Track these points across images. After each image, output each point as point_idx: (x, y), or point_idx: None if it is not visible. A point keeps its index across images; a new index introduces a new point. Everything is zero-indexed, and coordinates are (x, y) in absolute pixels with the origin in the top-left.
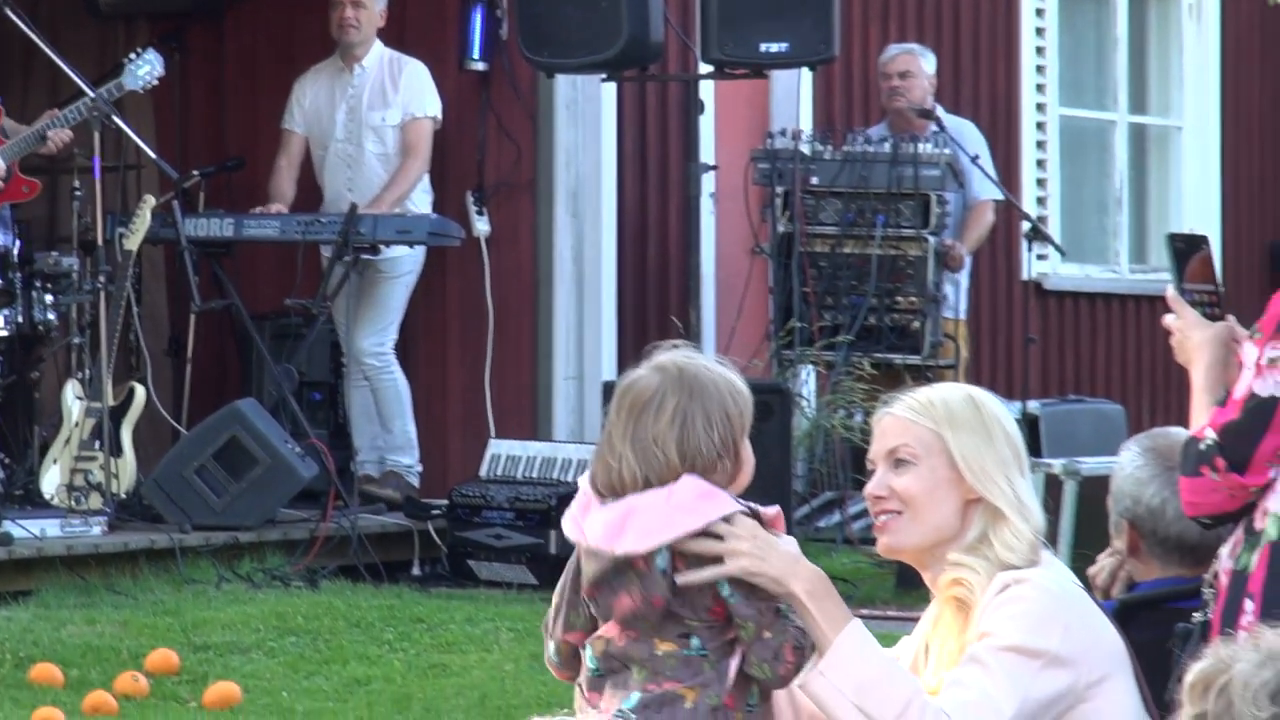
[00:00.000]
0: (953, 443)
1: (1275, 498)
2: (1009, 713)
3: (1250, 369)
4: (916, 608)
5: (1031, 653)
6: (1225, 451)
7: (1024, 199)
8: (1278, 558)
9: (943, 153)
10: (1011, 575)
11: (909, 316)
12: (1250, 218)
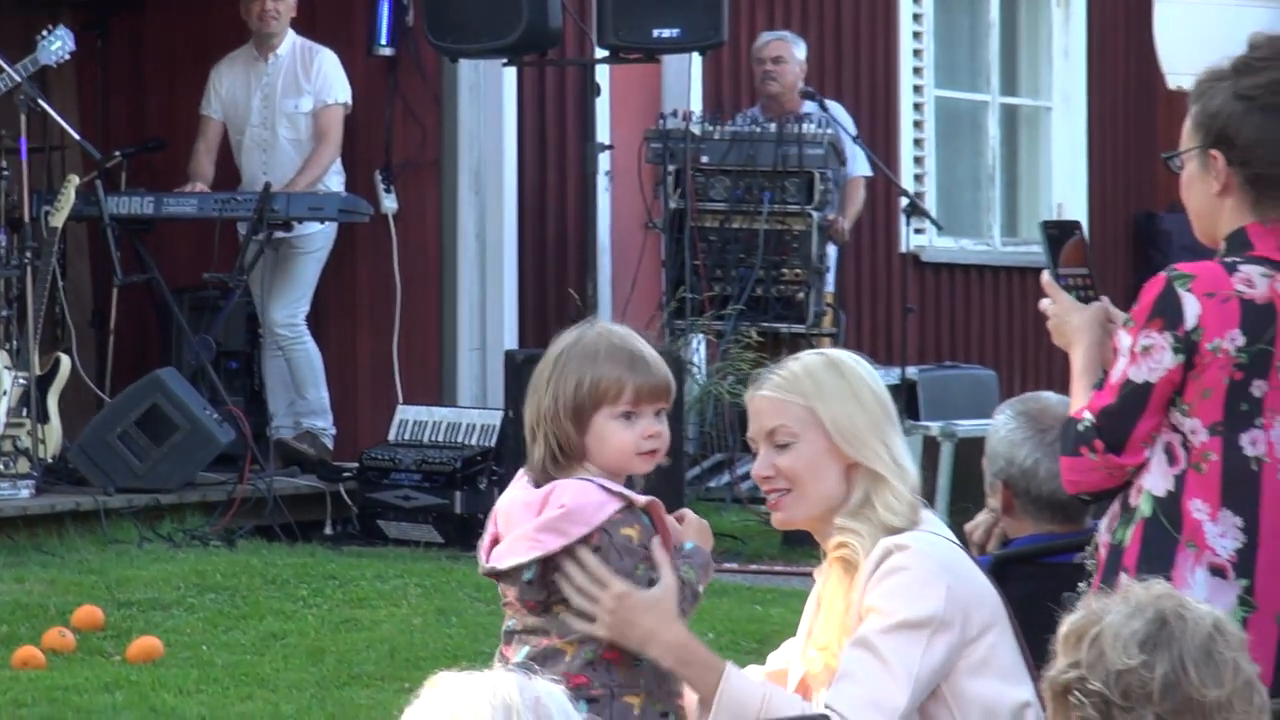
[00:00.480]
0: (825, 415)
1: (1149, 476)
2: (903, 702)
3: (1125, 355)
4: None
5: (917, 624)
6: (1103, 434)
7: (902, 176)
8: (1151, 533)
9: (825, 132)
10: (893, 541)
11: (794, 288)
12: (1115, 193)
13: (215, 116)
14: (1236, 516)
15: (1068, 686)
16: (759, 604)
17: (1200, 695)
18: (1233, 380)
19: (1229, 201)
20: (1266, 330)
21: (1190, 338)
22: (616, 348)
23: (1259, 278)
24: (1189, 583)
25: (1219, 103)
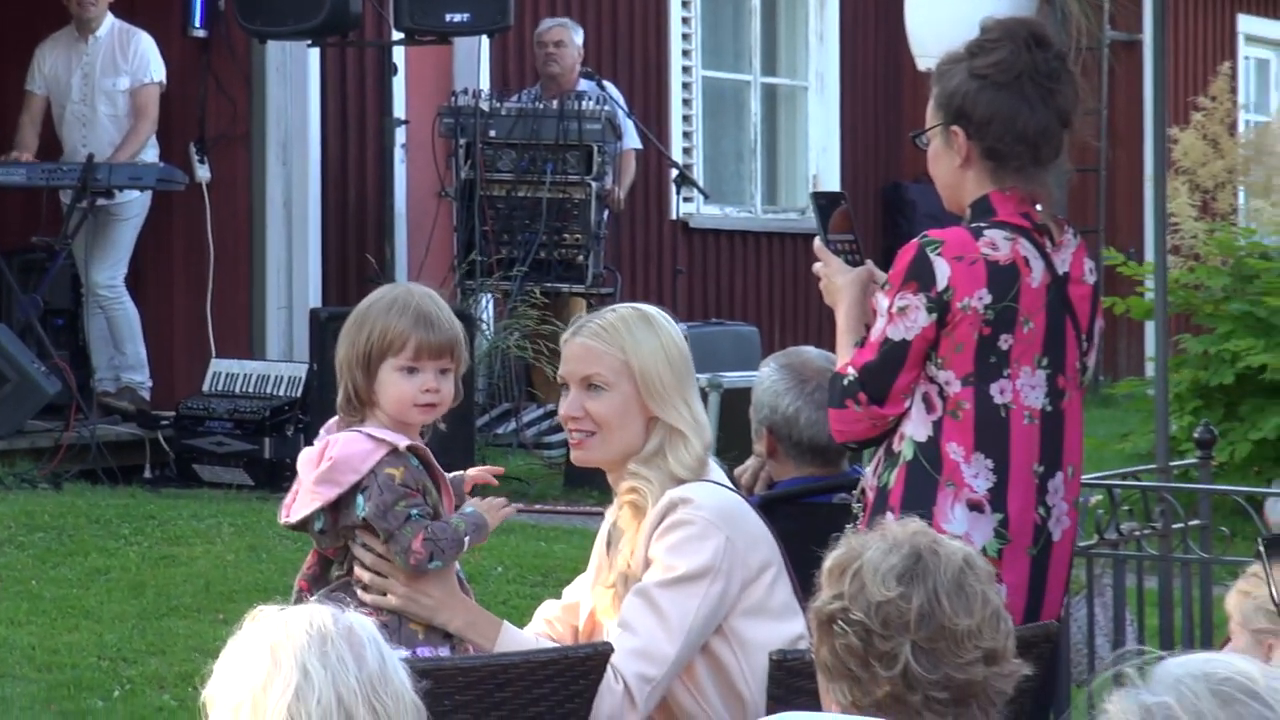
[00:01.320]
0: (637, 368)
1: (910, 424)
2: (673, 652)
3: (883, 316)
4: (581, 502)
5: (693, 576)
6: (866, 388)
7: (673, 150)
8: (914, 474)
9: (602, 109)
10: (677, 494)
11: (574, 251)
12: (865, 165)
13: (39, 92)
14: (988, 458)
15: (832, 617)
16: (543, 541)
17: (953, 624)
18: (982, 335)
19: (971, 172)
20: (1010, 289)
21: (942, 298)
22: (410, 306)
23: (1002, 241)
24: (950, 518)
25: (956, 83)
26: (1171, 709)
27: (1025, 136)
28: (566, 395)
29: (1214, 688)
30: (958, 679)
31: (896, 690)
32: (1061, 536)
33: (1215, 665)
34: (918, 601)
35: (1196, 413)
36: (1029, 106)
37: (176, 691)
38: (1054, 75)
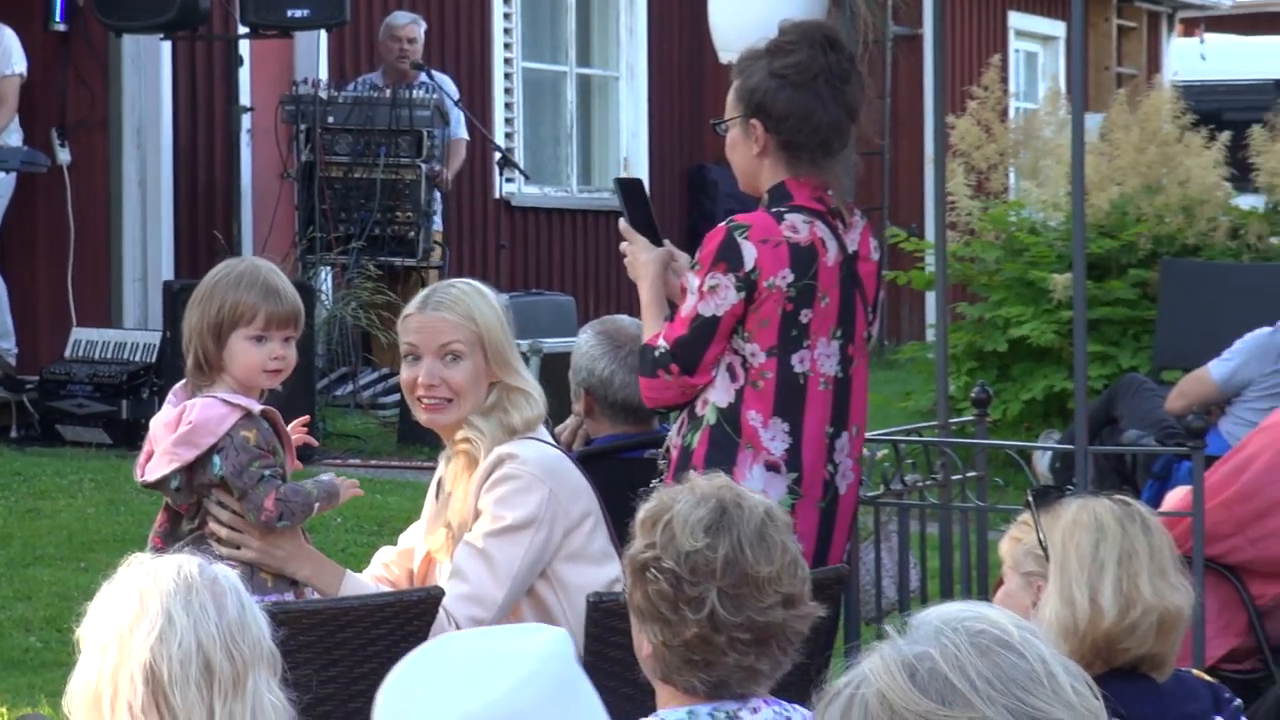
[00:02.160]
0: (486, 338)
1: (714, 391)
2: (500, 597)
3: (694, 294)
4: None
5: (519, 527)
6: (677, 359)
7: (496, 134)
8: (716, 436)
9: (431, 98)
10: (505, 450)
11: (406, 228)
12: (672, 149)
13: None
14: (785, 423)
15: (645, 564)
16: (379, 494)
17: (754, 571)
18: (785, 311)
19: (767, 161)
20: (810, 268)
21: (750, 277)
22: (259, 280)
23: (801, 224)
24: (748, 477)
25: (757, 80)
26: (934, 660)
27: (818, 131)
28: (414, 365)
29: (973, 639)
30: (759, 621)
31: (703, 632)
32: (847, 490)
33: (971, 616)
34: (723, 551)
35: (972, 374)
36: (822, 104)
37: (42, 635)
38: (845, 76)
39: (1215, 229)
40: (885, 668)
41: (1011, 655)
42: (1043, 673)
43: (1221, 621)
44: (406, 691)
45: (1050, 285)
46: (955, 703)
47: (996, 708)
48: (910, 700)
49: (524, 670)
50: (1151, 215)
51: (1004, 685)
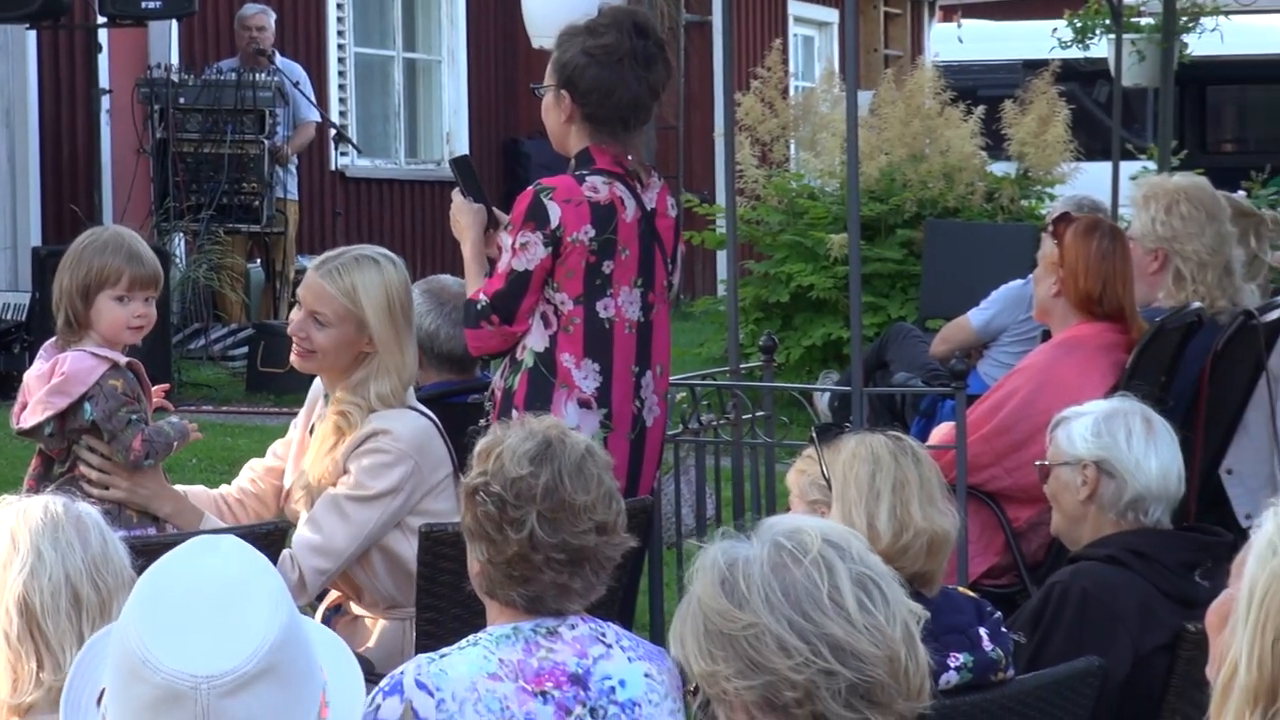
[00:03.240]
0: (362, 317)
1: (531, 337)
2: (348, 551)
3: (508, 251)
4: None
5: (378, 495)
6: (497, 310)
7: (332, 113)
8: (534, 378)
9: (273, 80)
10: (381, 424)
11: (251, 198)
12: (489, 125)
13: None
14: (595, 364)
15: (476, 489)
16: (229, 436)
17: (572, 499)
18: (589, 263)
19: (574, 128)
20: (610, 223)
21: (555, 234)
22: (122, 247)
23: (601, 185)
24: (564, 413)
25: (570, 55)
26: (741, 569)
27: (619, 108)
28: (297, 311)
29: (774, 553)
30: (573, 544)
31: (523, 550)
32: (654, 423)
33: (787, 531)
34: (544, 479)
35: (759, 324)
36: (625, 84)
37: None
38: (650, 60)
39: (973, 193)
40: (707, 569)
41: (798, 571)
42: (827, 589)
43: (982, 542)
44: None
45: (827, 244)
46: (745, 608)
47: (778, 616)
48: (715, 601)
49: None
50: (916, 181)
51: (785, 597)
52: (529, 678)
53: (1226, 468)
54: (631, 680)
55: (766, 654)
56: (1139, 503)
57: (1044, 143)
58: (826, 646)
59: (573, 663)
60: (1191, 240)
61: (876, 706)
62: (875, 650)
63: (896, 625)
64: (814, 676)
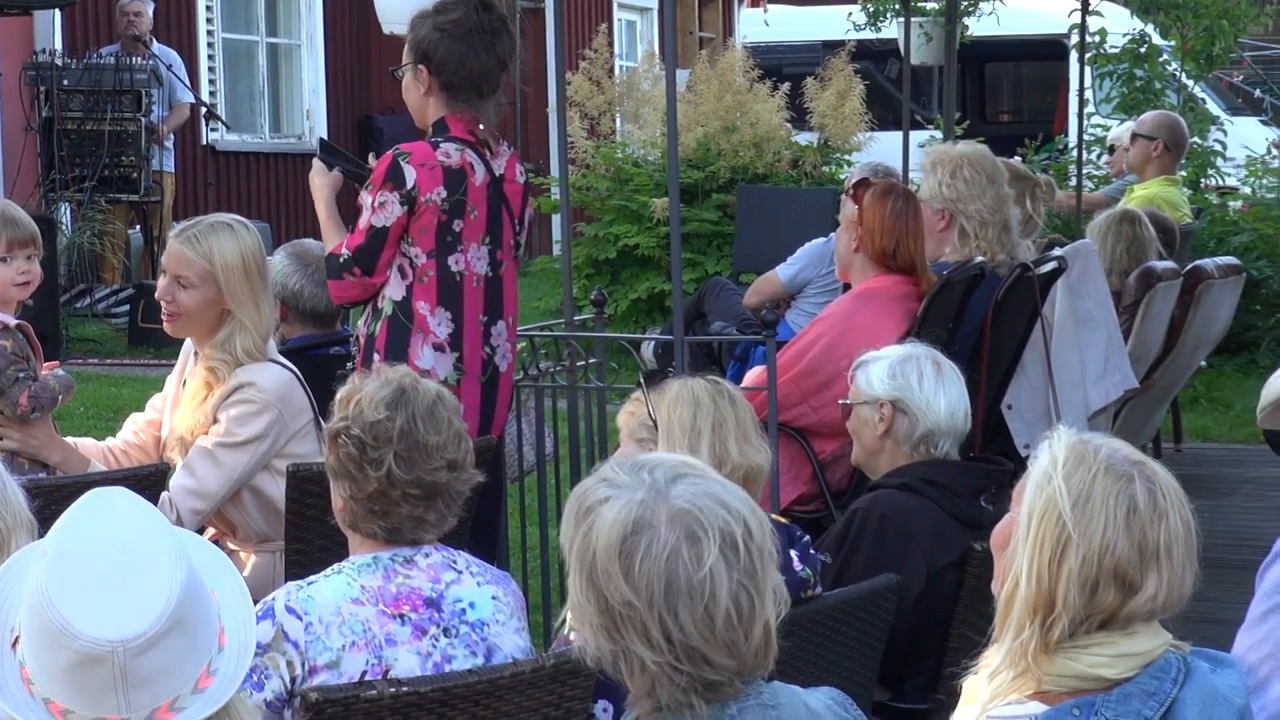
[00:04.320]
0: (220, 275)
1: (390, 287)
2: (221, 493)
3: (368, 209)
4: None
5: (246, 441)
6: (358, 263)
7: (203, 93)
8: (393, 325)
9: (149, 64)
10: (247, 377)
11: (130, 170)
12: (345, 103)
13: None
14: (448, 312)
15: (338, 432)
16: (114, 387)
17: (424, 440)
18: (440, 221)
19: (432, 99)
20: (460, 186)
21: (411, 194)
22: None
23: (454, 151)
24: (420, 357)
25: (423, 33)
26: (645, 538)
27: (471, 75)
28: (163, 278)
29: (673, 516)
30: (427, 480)
31: (382, 487)
32: (506, 368)
33: (713, 519)
34: (399, 422)
35: (590, 279)
36: (475, 54)
37: None
38: (496, 32)
39: (779, 160)
40: (616, 519)
41: (691, 575)
42: (706, 601)
43: (792, 473)
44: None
45: (650, 207)
46: (630, 584)
47: (655, 610)
48: (610, 560)
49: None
50: (729, 151)
51: (667, 594)
52: (388, 602)
53: (1007, 403)
54: (480, 602)
55: (630, 634)
56: (930, 437)
57: (842, 115)
58: (684, 651)
59: (427, 587)
60: (974, 201)
61: (706, 690)
62: (728, 662)
63: (755, 634)
64: (664, 670)
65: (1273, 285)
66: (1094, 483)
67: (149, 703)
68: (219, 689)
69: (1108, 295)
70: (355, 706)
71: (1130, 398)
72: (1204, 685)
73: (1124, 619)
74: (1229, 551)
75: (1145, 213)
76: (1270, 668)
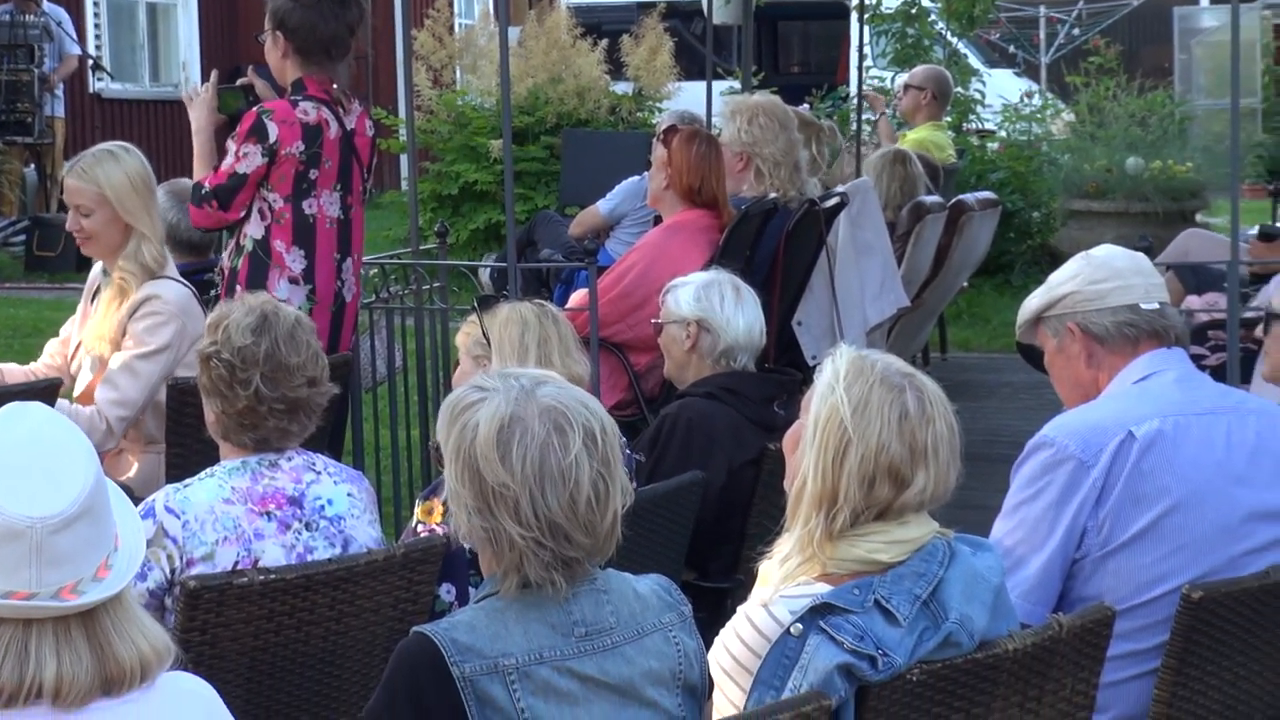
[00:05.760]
0: (111, 196)
1: (250, 227)
2: (140, 399)
3: (232, 156)
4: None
5: (158, 350)
6: (217, 198)
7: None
8: (253, 260)
9: (41, 21)
10: (152, 290)
11: (25, 115)
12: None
13: None
14: (301, 250)
15: (209, 355)
16: (12, 308)
17: (287, 361)
18: (298, 170)
19: (289, 62)
20: (316, 140)
21: (272, 147)
22: None
23: (311, 109)
24: (278, 288)
25: (280, 3)
26: (517, 424)
27: (321, 41)
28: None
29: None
30: (290, 396)
31: (250, 404)
32: (351, 299)
33: (576, 416)
34: (264, 346)
35: (435, 212)
36: (325, 21)
37: None
38: (344, 2)
39: (599, 108)
40: (494, 414)
41: (560, 461)
42: (571, 486)
43: (610, 382)
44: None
45: (487, 148)
46: (506, 467)
47: (526, 489)
48: (487, 447)
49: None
50: (555, 99)
51: (538, 477)
52: (255, 501)
53: (796, 320)
54: (337, 499)
55: (502, 512)
56: (730, 351)
57: (654, 68)
58: (549, 527)
59: (290, 487)
60: (768, 145)
61: (566, 570)
62: (585, 539)
63: (608, 518)
64: (530, 545)
65: (1025, 216)
66: (870, 392)
67: (56, 581)
68: (114, 580)
69: (883, 226)
70: (229, 593)
71: (903, 314)
72: (966, 566)
73: (897, 510)
74: (987, 447)
75: (915, 154)
76: (1023, 551)
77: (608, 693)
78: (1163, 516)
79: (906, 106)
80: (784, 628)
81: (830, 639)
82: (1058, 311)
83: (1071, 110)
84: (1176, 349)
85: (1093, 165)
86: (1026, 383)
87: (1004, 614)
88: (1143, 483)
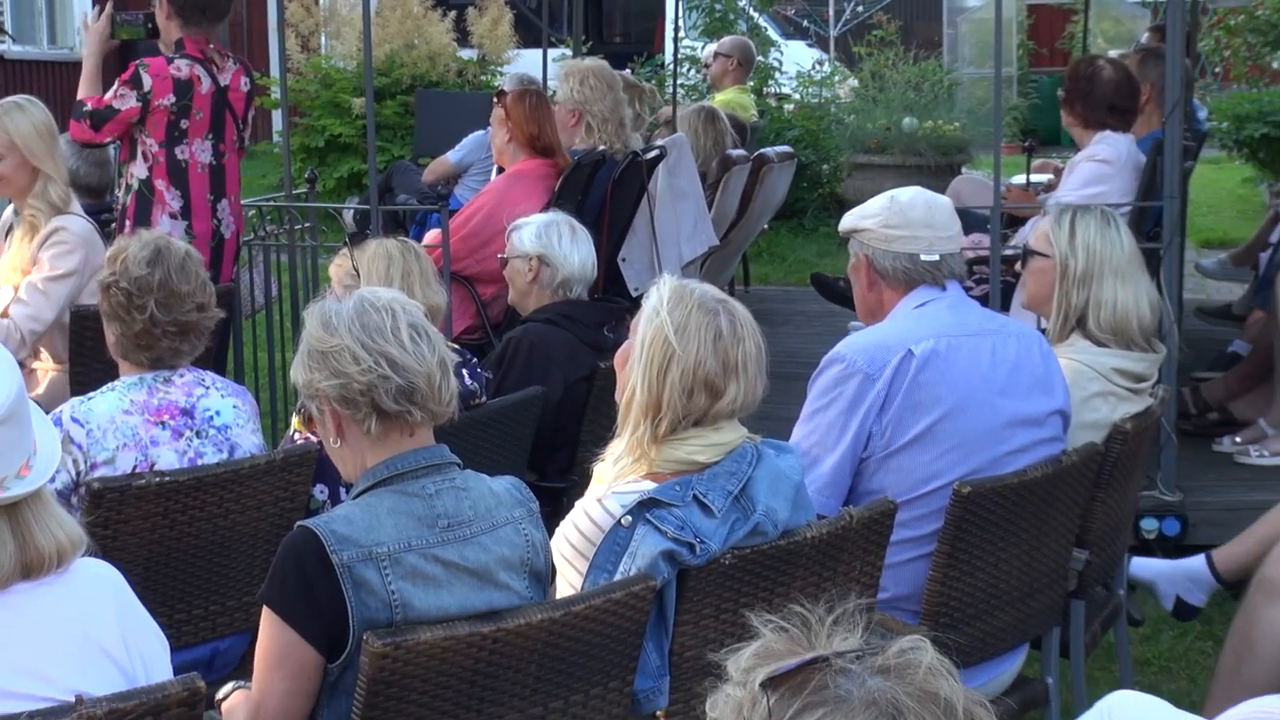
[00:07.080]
0: (19, 143)
1: (135, 167)
2: (50, 319)
3: (111, 93)
4: None
5: (66, 274)
6: (91, 120)
7: None
8: (139, 198)
9: None
10: (60, 223)
11: None
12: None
13: None
14: (177, 190)
15: (108, 285)
16: None
17: (179, 289)
18: (170, 119)
19: (172, 24)
20: (188, 93)
21: (146, 96)
22: None
23: (184, 65)
24: (161, 223)
25: None
26: (334, 311)
27: (198, 5)
28: None
29: (357, 304)
30: (182, 320)
31: (146, 327)
32: (230, 236)
33: (372, 298)
34: (158, 275)
35: (304, 161)
36: None
37: None
38: None
39: (448, 71)
40: (314, 315)
41: (374, 315)
42: (390, 326)
43: (461, 310)
44: None
45: (350, 105)
46: (333, 334)
47: (355, 339)
48: (316, 332)
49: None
50: (410, 63)
51: (362, 329)
52: (151, 412)
53: (622, 256)
54: (224, 411)
55: (344, 363)
56: (567, 283)
57: (496, 37)
58: (385, 360)
59: (182, 400)
60: (597, 103)
61: (415, 405)
62: (418, 368)
63: (435, 357)
64: (374, 380)
65: (816, 168)
66: (690, 315)
67: None
68: (34, 478)
69: (696, 175)
70: (128, 493)
71: (713, 252)
72: (771, 466)
73: (712, 417)
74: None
75: (724, 112)
76: (818, 452)
77: (467, 576)
78: (937, 422)
79: (715, 72)
80: (616, 519)
81: (655, 529)
82: (857, 239)
83: (856, 77)
84: (952, 281)
85: (874, 124)
86: (818, 311)
87: (803, 507)
88: (920, 393)
